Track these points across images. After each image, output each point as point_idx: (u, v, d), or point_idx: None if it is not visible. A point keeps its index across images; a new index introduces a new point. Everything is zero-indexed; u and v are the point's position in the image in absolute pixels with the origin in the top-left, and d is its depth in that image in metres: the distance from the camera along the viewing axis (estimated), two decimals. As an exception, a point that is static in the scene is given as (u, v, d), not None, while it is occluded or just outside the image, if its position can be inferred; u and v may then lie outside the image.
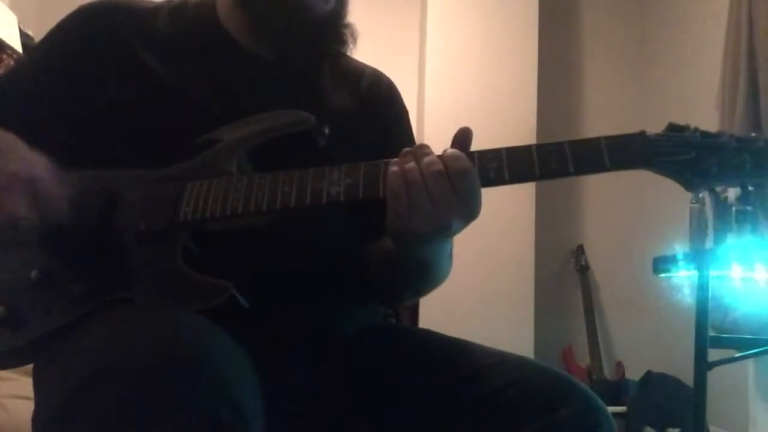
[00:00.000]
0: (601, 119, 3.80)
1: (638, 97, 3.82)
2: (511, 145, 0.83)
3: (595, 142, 0.80)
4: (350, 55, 1.07)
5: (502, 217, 3.20)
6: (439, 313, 2.63)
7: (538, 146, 0.81)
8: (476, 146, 0.83)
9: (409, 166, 0.80)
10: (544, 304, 3.46)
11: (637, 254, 3.43)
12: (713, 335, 2.03)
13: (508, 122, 3.27)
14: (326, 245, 0.96)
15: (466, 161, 0.80)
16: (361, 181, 0.82)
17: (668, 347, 3.31)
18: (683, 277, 2.35)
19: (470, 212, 0.80)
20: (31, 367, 0.89)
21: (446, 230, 0.81)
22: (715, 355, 2.02)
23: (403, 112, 1.13)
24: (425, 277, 0.97)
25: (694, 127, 0.80)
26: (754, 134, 0.79)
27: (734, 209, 2.02)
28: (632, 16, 3.97)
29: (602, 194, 3.70)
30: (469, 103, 3.34)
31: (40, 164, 0.82)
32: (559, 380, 0.87)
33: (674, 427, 2.99)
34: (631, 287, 3.57)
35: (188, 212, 0.84)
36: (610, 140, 0.80)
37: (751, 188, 0.79)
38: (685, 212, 2.25)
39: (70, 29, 1.00)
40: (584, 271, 3.65)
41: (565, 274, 3.74)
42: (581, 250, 3.72)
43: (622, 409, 3.09)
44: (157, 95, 0.95)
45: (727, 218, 2.03)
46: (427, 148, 0.82)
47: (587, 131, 3.76)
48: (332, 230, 0.96)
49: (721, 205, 2.02)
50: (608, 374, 3.45)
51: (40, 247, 0.85)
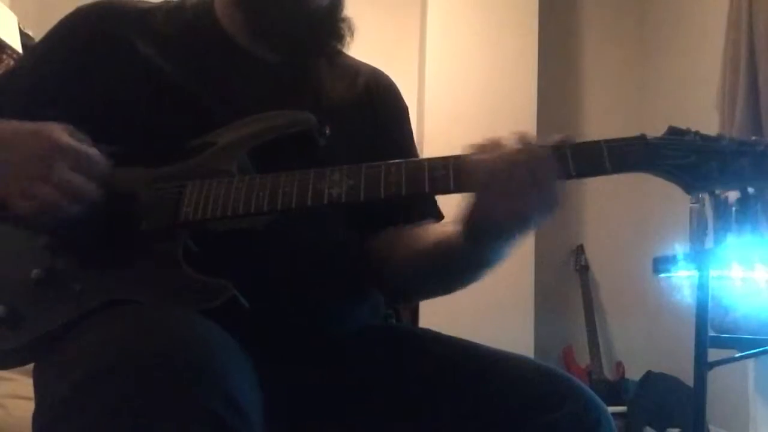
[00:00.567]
0: (601, 119, 3.80)
1: (638, 97, 3.82)
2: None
3: (596, 145, 0.80)
4: (349, 48, 1.07)
5: (502, 217, 3.19)
6: (439, 313, 2.62)
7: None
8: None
9: (493, 157, 0.78)
10: (544, 304, 3.46)
11: (637, 254, 3.43)
12: (713, 335, 2.03)
13: (508, 122, 3.26)
14: (327, 246, 0.96)
15: (544, 152, 0.79)
16: (362, 182, 0.82)
17: (668, 347, 3.31)
18: (683, 277, 2.35)
19: (550, 202, 0.79)
20: (31, 367, 0.89)
21: (527, 222, 0.79)
22: (715, 355, 2.02)
23: (402, 109, 1.13)
24: (477, 273, 0.94)
25: (694, 130, 0.80)
26: (754, 137, 0.79)
27: (734, 209, 2.02)
28: (632, 16, 3.97)
29: (602, 194, 3.69)
30: (469, 103, 3.34)
31: (56, 129, 0.83)
32: (559, 380, 0.87)
33: (674, 427, 2.99)
34: (631, 287, 3.57)
35: (189, 212, 0.83)
36: (611, 143, 0.80)
37: (751, 191, 0.79)
38: (685, 212, 2.25)
39: (70, 29, 1.01)
40: (584, 271, 3.65)
41: (565, 274, 3.73)
42: (581, 250, 3.72)
43: (622, 409, 3.09)
44: (156, 94, 0.95)
45: (727, 218, 2.03)
46: (503, 139, 0.80)
47: (587, 131, 3.76)
48: (333, 231, 0.96)
49: (721, 205, 2.02)
50: (608, 374, 3.45)
51: (40, 246, 0.85)
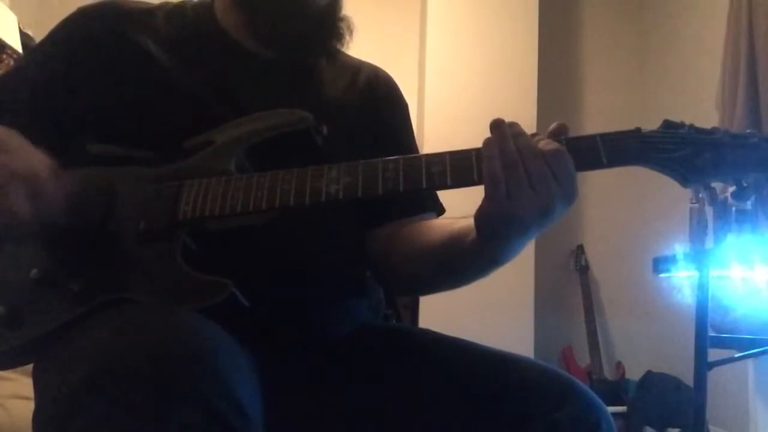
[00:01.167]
0: (601, 119, 3.80)
1: (638, 97, 3.82)
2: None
3: (591, 139, 0.80)
4: (348, 47, 1.07)
5: (502, 217, 3.19)
6: (439, 312, 2.62)
7: None
8: (476, 146, 0.83)
9: (505, 147, 0.77)
10: (544, 304, 3.46)
11: (637, 254, 3.43)
12: (713, 335, 2.04)
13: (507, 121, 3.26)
14: (326, 244, 0.96)
15: (558, 143, 0.78)
16: (360, 179, 0.82)
17: (668, 347, 3.31)
18: (683, 277, 2.35)
19: (569, 195, 0.77)
20: (31, 367, 0.89)
21: (549, 214, 0.77)
22: (715, 355, 2.02)
23: (402, 106, 1.13)
24: (486, 269, 0.91)
25: (689, 123, 0.81)
26: (749, 131, 0.80)
27: (734, 209, 2.02)
28: (632, 15, 3.97)
29: (602, 194, 3.70)
30: (469, 102, 3.34)
31: (40, 162, 0.82)
32: (559, 380, 0.87)
33: (674, 427, 2.99)
34: (631, 287, 3.57)
35: (187, 211, 0.83)
36: (606, 137, 0.80)
37: (745, 184, 0.79)
38: (685, 212, 2.25)
39: (71, 29, 1.01)
40: (584, 271, 3.65)
41: (565, 274, 3.73)
42: (581, 250, 3.72)
43: (622, 409, 3.09)
44: (156, 93, 0.95)
45: (726, 218, 2.03)
46: (517, 126, 0.79)
47: (587, 131, 3.74)
48: (332, 229, 0.96)
49: (720, 204, 2.02)
50: (608, 374, 3.45)
51: (39, 246, 0.85)
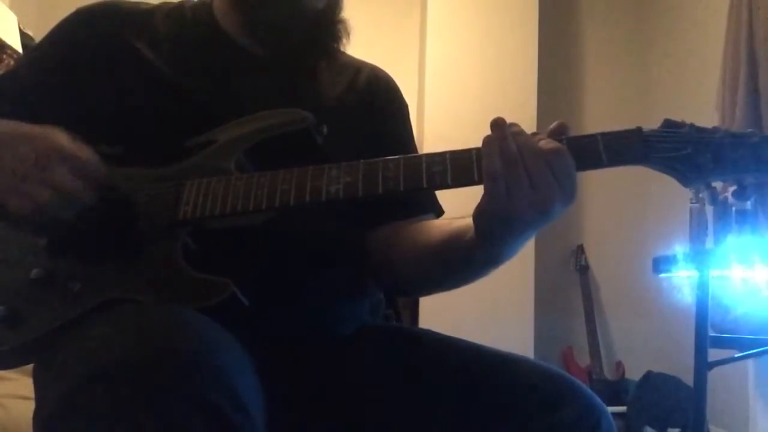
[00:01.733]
0: (601, 119, 3.80)
1: (638, 96, 3.82)
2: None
3: (591, 138, 0.80)
4: (348, 48, 1.07)
5: (502, 217, 3.19)
6: (439, 312, 2.62)
7: None
8: (476, 146, 0.83)
9: (505, 146, 0.76)
10: (544, 304, 3.46)
11: (637, 254, 3.43)
12: (713, 335, 2.04)
13: (508, 121, 3.26)
14: (326, 244, 0.96)
15: (558, 143, 0.77)
16: (360, 178, 0.82)
17: (668, 347, 3.31)
18: (683, 277, 2.35)
19: (568, 195, 0.77)
20: (31, 367, 0.89)
21: (547, 213, 0.76)
22: (715, 355, 2.02)
23: (402, 106, 1.13)
24: (485, 269, 0.91)
25: (689, 123, 0.81)
26: (749, 130, 0.80)
27: (734, 209, 2.02)
28: (632, 15, 3.96)
29: (602, 194, 3.70)
30: (469, 102, 3.33)
31: (59, 135, 0.83)
32: (559, 380, 0.87)
33: (674, 427, 2.99)
34: (631, 287, 3.57)
35: (188, 210, 0.84)
36: (606, 136, 0.80)
37: (746, 184, 0.79)
38: (685, 212, 2.25)
39: (70, 29, 1.01)
40: (584, 271, 3.65)
41: (565, 274, 3.73)
42: (581, 250, 3.72)
43: (622, 409, 3.09)
44: (156, 94, 0.95)
45: (727, 218, 2.03)
46: (517, 126, 0.78)
47: (587, 130, 3.74)
48: (332, 229, 0.96)
49: (720, 204, 2.02)
50: (608, 374, 3.45)
51: (40, 246, 0.85)
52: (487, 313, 3.14)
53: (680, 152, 0.79)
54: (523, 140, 0.77)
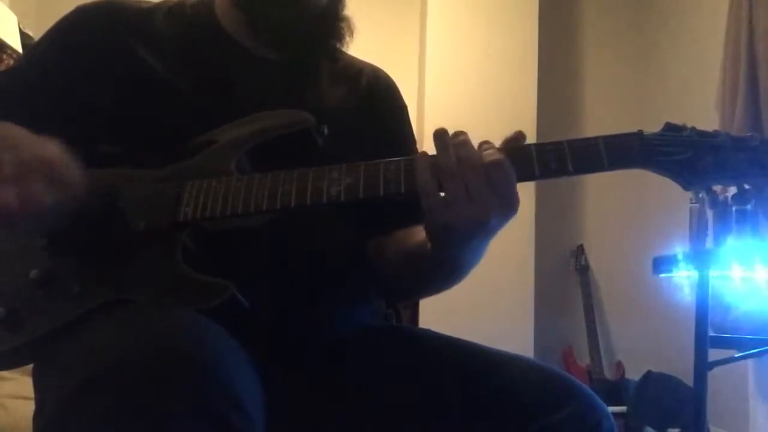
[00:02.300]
0: (601, 119, 3.80)
1: (638, 97, 3.82)
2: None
3: (593, 141, 0.80)
4: (349, 47, 1.07)
5: (501, 217, 3.19)
6: (439, 313, 2.62)
7: (537, 146, 0.81)
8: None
9: (443, 158, 0.77)
10: (544, 304, 3.46)
11: (637, 254, 3.43)
12: (713, 335, 2.04)
13: (508, 122, 3.26)
14: (326, 245, 0.96)
15: (500, 154, 0.78)
16: (361, 180, 0.82)
17: (668, 347, 3.30)
18: (683, 277, 2.34)
19: (508, 206, 0.77)
20: (31, 367, 0.89)
21: (486, 226, 0.77)
22: (715, 355, 2.02)
23: (402, 107, 1.13)
24: (453, 275, 0.93)
25: (690, 126, 0.81)
26: (750, 134, 0.80)
27: (734, 209, 2.02)
28: (632, 16, 3.96)
29: (602, 194, 3.70)
30: (469, 102, 3.33)
31: (49, 148, 0.81)
32: (559, 380, 0.87)
33: (674, 427, 2.99)
34: (631, 287, 3.57)
35: (188, 212, 0.83)
36: (608, 140, 0.80)
37: (747, 187, 0.79)
38: (685, 212, 2.25)
39: (69, 28, 1.00)
40: (584, 271, 3.65)
41: (565, 274, 3.73)
42: (581, 250, 3.72)
43: (622, 409, 3.09)
44: (156, 94, 0.95)
45: (727, 218, 2.03)
46: (463, 135, 0.78)
47: (587, 131, 3.76)
48: (332, 230, 0.96)
49: (720, 205, 2.01)
50: (608, 374, 3.45)
51: (39, 246, 0.85)
52: (487, 313, 3.14)
53: (681, 156, 0.79)
54: (464, 152, 0.77)
